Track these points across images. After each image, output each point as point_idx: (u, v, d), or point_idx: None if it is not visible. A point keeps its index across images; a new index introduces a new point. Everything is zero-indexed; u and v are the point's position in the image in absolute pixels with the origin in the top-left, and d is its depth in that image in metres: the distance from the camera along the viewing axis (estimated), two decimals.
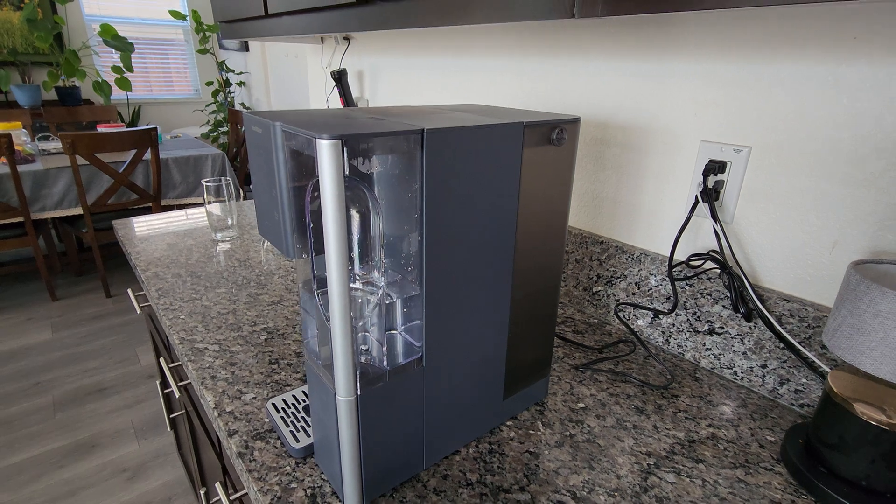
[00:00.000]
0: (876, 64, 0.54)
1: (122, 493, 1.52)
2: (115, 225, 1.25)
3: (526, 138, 0.47)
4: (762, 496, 0.50)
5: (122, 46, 3.46)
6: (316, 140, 0.34)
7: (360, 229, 0.41)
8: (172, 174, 2.61)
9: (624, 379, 0.69)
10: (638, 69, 0.77)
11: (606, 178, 0.85)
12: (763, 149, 0.65)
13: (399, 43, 1.30)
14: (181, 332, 0.77)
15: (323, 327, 0.45)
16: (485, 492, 0.50)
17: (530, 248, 0.53)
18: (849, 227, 0.59)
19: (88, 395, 1.93)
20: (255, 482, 0.50)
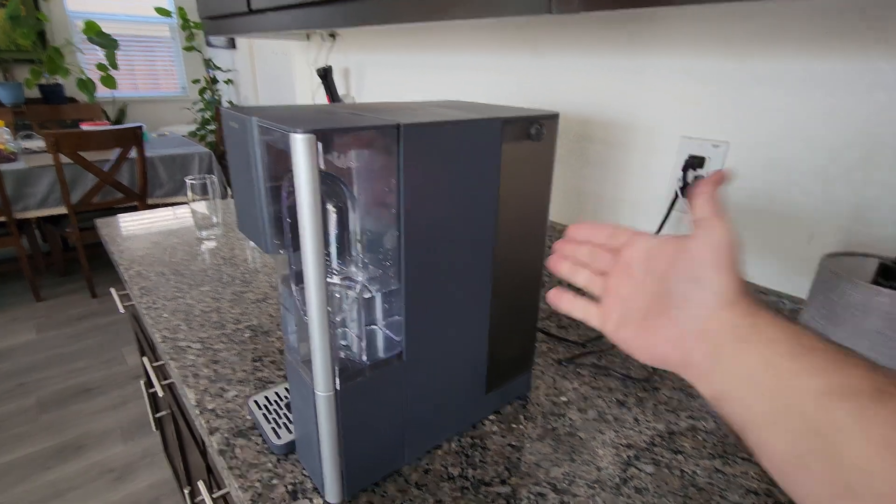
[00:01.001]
0: (849, 59, 0.55)
1: (108, 494, 1.50)
2: (97, 223, 1.23)
3: (504, 134, 0.47)
4: (739, 486, 0.51)
5: (106, 43, 3.42)
6: (290, 135, 0.34)
7: (338, 224, 0.41)
8: (159, 173, 2.58)
9: (606, 373, 0.70)
10: (619, 66, 0.78)
11: (590, 174, 0.86)
12: (741, 144, 0.66)
13: (384, 40, 1.30)
14: (164, 330, 0.76)
15: (301, 323, 0.45)
16: (466, 485, 0.50)
17: (511, 243, 0.54)
18: (824, 221, 0.60)
19: (74, 396, 1.91)
20: (235, 479, 0.50)
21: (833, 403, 0.24)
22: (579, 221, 0.43)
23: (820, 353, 0.26)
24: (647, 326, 0.34)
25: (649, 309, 0.34)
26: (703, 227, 0.32)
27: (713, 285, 0.30)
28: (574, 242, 0.42)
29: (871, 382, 0.24)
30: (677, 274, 0.33)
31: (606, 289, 0.38)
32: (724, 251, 0.31)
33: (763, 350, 0.28)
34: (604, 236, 0.40)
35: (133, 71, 4.12)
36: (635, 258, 0.37)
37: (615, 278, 0.38)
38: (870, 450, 0.22)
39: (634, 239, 0.38)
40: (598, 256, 0.40)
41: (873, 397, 0.23)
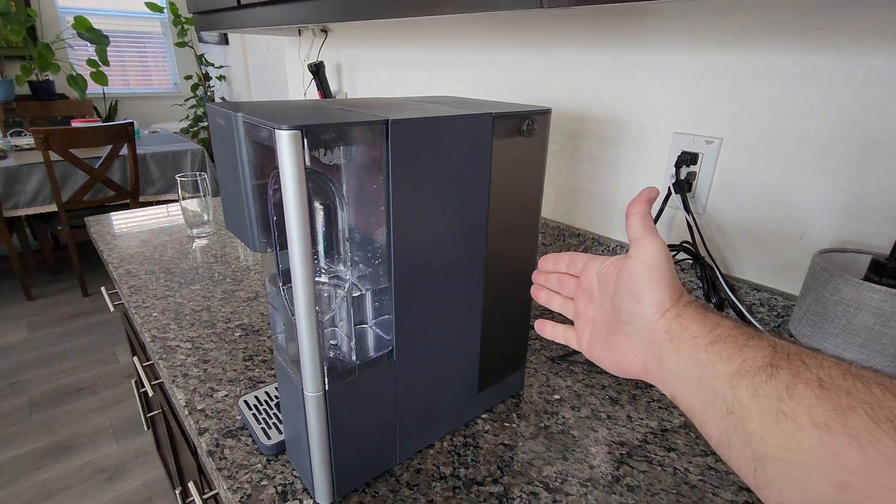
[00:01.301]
0: (842, 54, 0.55)
1: (100, 494, 1.49)
2: (87, 221, 1.22)
3: (495, 129, 0.47)
4: (731, 482, 0.51)
5: (97, 39, 3.38)
6: (275, 131, 0.34)
7: (325, 222, 0.41)
8: (151, 170, 2.56)
9: (599, 370, 0.69)
10: (612, 62, 0.77)
11: (583, 171, 0.86)
12: (734, 140, 0.66)
13: (376, 35, 1.29)
14: (153, 329, 0.75)
15: (289, 322, 0.45)
16: (458, 485, 0.50)
17: (503, 240, 0.53)
18: (817, 217, 0.60)
19: (66, 396, 1.90)
20: (224, 480, 0.49)
21: (738, 383, 0.27)
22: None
23: (730, 340, 0.28)
24: (609, 343, 0.38)
25: (609, 327, 0.38)
26: (638, 246, 0.35)
27: (649, 299, 0.33)
28: (544, 272, 0.46)
29: (766, 359, 0.26)
30: (621, 293, 0.36)
31: (576, 312, 0.42)
32: (657, 267, 0.34)
33: (688, 347, 0.30)
34: (564, 265, 0.44)
35: (124, 67, 4.08)
36: (591, 282, 0.41)
37: (580, 302, 0.42)
38: (764, 418, 0.25)
39: (588, 264, 0.42)
40: (564, 283, 0.44)
41: (766, 371, 0.26)
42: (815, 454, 0.22)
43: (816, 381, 0.24)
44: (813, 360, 0.25)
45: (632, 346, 0.35)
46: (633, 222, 0.36)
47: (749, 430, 0.25)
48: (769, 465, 0.24)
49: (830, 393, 0.23)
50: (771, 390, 0.25)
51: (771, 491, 0.25)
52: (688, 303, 0.33)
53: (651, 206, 0.36)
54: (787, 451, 0.23)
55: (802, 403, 0.23)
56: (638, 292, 0.34)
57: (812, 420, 0.23)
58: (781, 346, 0.27)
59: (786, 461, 0.23)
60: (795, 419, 0.23)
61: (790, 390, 0.24)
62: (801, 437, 0.23)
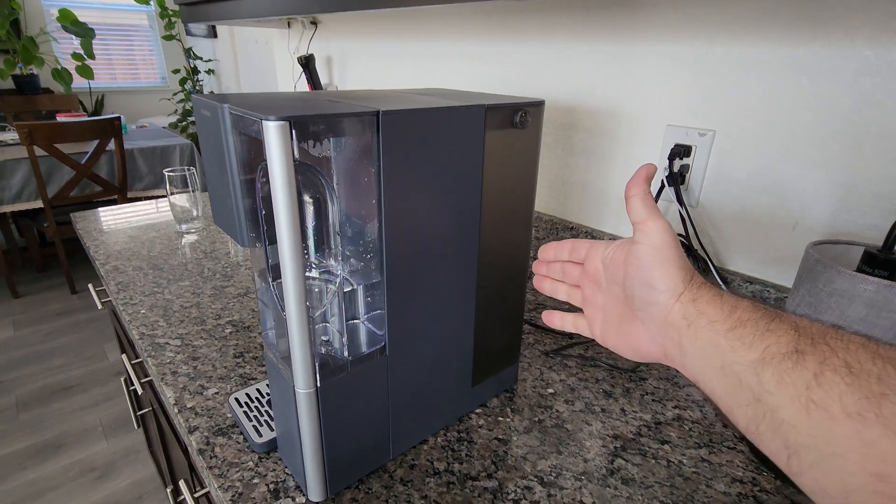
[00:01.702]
0: (833, 46, 0.55)
1: (90, 493, 1.48)
2: (73, 217, 1.20)
3: (488, 121, 0.46)
4: (724, 474, 0.51)
5: (82, 32, 3.32)
6: (262, 122, 0.33)
7: (315, 216, 0.40)
8: (138, 165, 2.52)
9: (593, 363, 0.69)
10: (605, 53, 0.77)
11: (575, 164, 0.85)
12: (727, 132, 0.66)
13: (367, 27, 1.27)
14: (141, 326, 0.74)
15: (279, 319, 0.44)
16: (452, 480, 0.50)
17: (496, 234, 0.53)
18: (809, 209, 0.60)
19: (53, 394, 1.87)
20: (215, 479, 0.48)
21: (763, 370, 0.26)
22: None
23: (751, 325, 0.27)
24: (624, 330, 0.37)
25: (622, 314, 0.37)
26: (642, 230, 0.34)
27: (662, 284, 0.32)
28: (546, 261, 0.45)
29: (790, 344, 0.25)
30: (631, 280, 0.35)
31: (584, 300, 0.41)
32: (665, 250, 0.33)
33: (707, 332, 0.29)
34: (566, 253, 0.43)
35: (111, 61, 4.01)
36: (597, 269, 0.40)
37: (588, 289, 0.41)
38: (793, 407, 0.24)
39: (591, 251, 0.41)
40: (568, 272, 0.43)
41: (792, 358, 0.25)
42: (849, 444, 0.22)
43: (845, 366, 0.23)
44: (839, 343, 0.24)
45: (648, 331, 0.34)
46: (633, 204, 0.34)
47: (779, 418, 0.25)
48: (803, 454, 0.23)
49: (861, 379, 0.22)
50: (798, 378, 0.24)
51: (807, 478, 0.24)
52: (701, 284, 0.32)
53: (650, 184, 0.35)
54: (820, 441, 0.23)
55: (832, 392, 0.22)
56: (649, 279, 0.33)
57: (844, 409, 0.22)
58: (804, 327, 0.26)
59: (820, 450, 0.23)
60: (826, 408, 0.22)
61: (818, 378, 0.23)
62: (833, 426, 0.22)
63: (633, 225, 0.34)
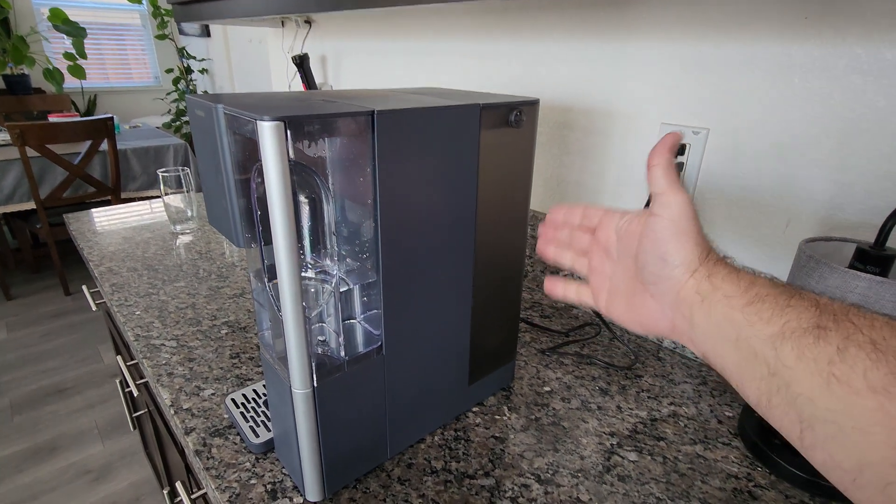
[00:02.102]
0: (825, 44, 0.55)
1: (86, 495, 1.47)
2: (66, 218, 1.19)
3: (483, 120, 0.46)
4: (720, 470, 0.52)
5: (73, 32, 3.29)
6: (257, 122, 0.33)
7: (311, 216, 0.40)
8: (132, 165, 2.51)
9: (589, 361, 0.70)
10: (599, 52, 0.77)
11: (571, 163, 0.86)
12: (721, 130, 0.66)
13: (361, 26, 1.27)
14: (136, 328, 0.74)
15: (276, 319, 0.44)
16: (449, 479, 0.50)
17: (492, 232, 0.53)
18: (801, 206, 0.61)
19: (48, 397, 1.86)
20: (212, 480, 0.48)
21: (781, 345, 0.26)
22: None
23: (770, 300, 0.27)
24: (633, 302, 0.36)
25: (631, 286, 0.36)
26: (661, 202, 0.32)
27: (678, 259, 0.31)
28: (554, 225, 0.44)
29: (812, 320, 0.25)
30: (645, 253, 0.34)
31: (591, 268, 0.40)
32: (683, 224, 0.32)
33: (722, 307, 0.29)
34: (578, 217, 0.42)
35: (103, 60, 3.98)
36: (609, 239, 0.38)
37: (596, 258, 0.40)
38: (812, 381, 0.24)
39: (605, 219, 0.39)
40: (577, 237, 0.42)
41: (813, 333, 0.25)
42: (873, 418, 0.22)
43: (870, 342, 0.23)
44: (863, 321, 0.24)
45: (658, 306, 0.34)
46: (655, 174, 0.33)
47: (795, 392, 0.25)
48: (819, 428, 0.24)
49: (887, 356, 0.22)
50: (820, 353, 0.24)
51: (819, 452, 0.24)
52: (717, 260, 0.31)
53: (674, 154, 0.33)
54: (839, 415, 0.23)
55: (856, 367, 0.22)
56: (665, 252, 0.32)
57: (868, 384, 0.22)
58: (825, 304, 0.26)
59: (838, 424, 0.23)
60: (849, 383, 0.22)
61: (842, 353, 0.23)
62: (856, 401, 0.22)
63: (653, 196, 0.33)
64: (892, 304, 0.43)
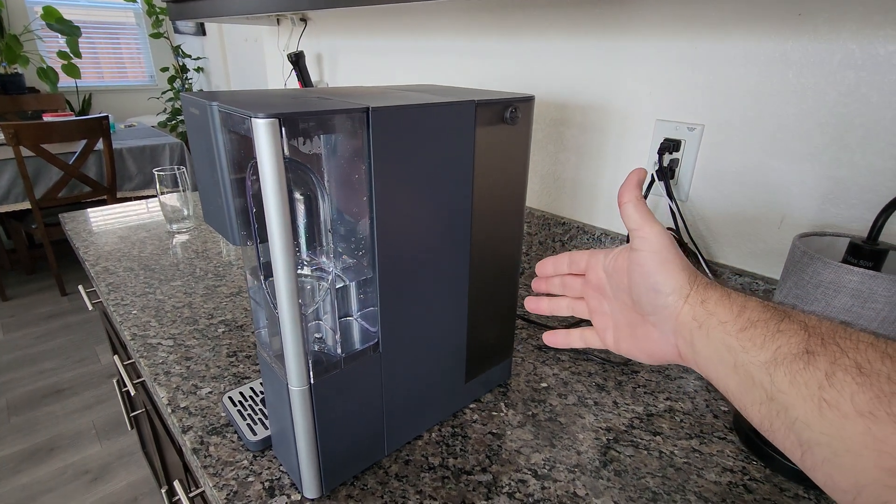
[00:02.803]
0: (819, 40, 0.56)
1: (84, 496, 1.47)
2: (62, 218, 1.18)
3: (478, 117, 0.46)
4: (715, 464, 0.52)
5: (67, 30, 3.28)
6: (252, 119, 0.33)
7: (306, 213, 0.40)
8: (128, 165, 2.50)
9: (586, 357, 0.70)
10: (594, 49, 0.77)
11: (567, 160, 0.86)
12: (715, 126, 0.66)
13: (357, 24, 1.27)
14: (133, 327, 0.74)
15: (272, 317, 0.44)
16: (447, 475, 0.50)
17: (487, 229, 0.53)
18: (796, 202, 0.61)
19: (45, 397, 1.86)
20: (210, 478, 0.48)
21: (775, 371, 0.26)
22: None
23: (761, 326, 0.28)
24: (637, 335, 0.37)
25: (632, 319, 0.37)
26: (639, 236, 0.34)
27: (668, 287, 0.33)
28: (545, 279, 0.45)
29: (801, 345, 0.26)
30: (637, 287, 0.35)
31: (591, 310, 0.41)
32: (665, 254, 0.33)
33: (718, 333, 0.30)
34: (565, 265, 0.43)
35: (97, 59, 3.96)
36: (600, 278, 0.40)
37: (593, 300, 0.41)
38: (806, 406, 0.25)
39: (591, 261, 0.41)
40: (569, 285, 0.43)
41: (803, 359, 0.25)
42: (861, 441, 0.22)
43: (855, 367, 0.23)
44: (848, 343, 0.25)
45: (661, 335, 0.35)
46: (628, 211, 0.35)
47: (792, 416, 0.25)
48: (816, 451, 0.24)
49: (871, 379, 0.23)
50: (810, 378, 0.25)
51: (819, 473, 0.25)
52: (707, 284, 0.32)
53: (642, 189, 0.35)
54: (832, 438, 0.23)
55: (844, 391, 0.23)
56: (655, 283, 0.33)
57: (856, 408, 0.23)
58: (813, 327, 0.26)
59: (832, 447, 0.23)
60: (839, 407, 0.23)
61: (830, 378, 0.24)
62: (845, 424, 0.23)
63: (630, 231, 0.35)
64: (884, 298, 0.43)
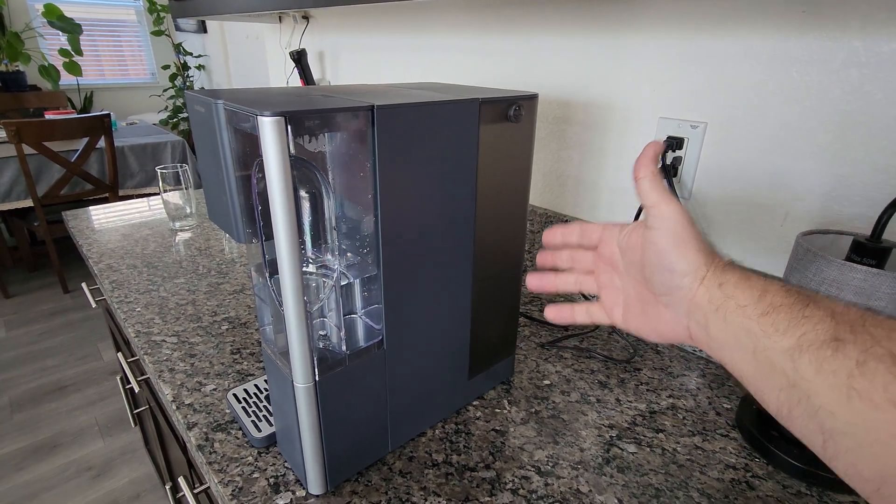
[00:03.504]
0: (823, 37, 0.56)
1: (87, 493, 1.47)
2: (65, 216, 1.19)
3: (482, 115, 0.46)
4: (718, 461, 0.52)
5: (69, 28, 3.28)
6: (258, 117, 0.33)
7: (311, 211, 0.40)
8: (129, 163, 2.50)
9: (588, 355, 0.70)
10: (597, 46, 0.77)
11: (569, 157, 0.86)
12: (719, 124, 0.66)
13: (359, 21, 1.26)
14: (136, 325, 0.74)
15: (277, 314, 0.44)
16: (450, 471, 0.50)
17: (491, 227, 0.53)
18: (799, 200, 0.61)
19: (48, 395, 1.86)
20: (215, 474, 0.49)
21: (799, 357, 0.25)
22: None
23: (784, 311, 0.27)
24: (648, 313, 0.36)
25: (644, 296, 0.36)
26: (655, 214, 0.33)
27: (682, 268, 0.31)
28: (552, 250, 0.43)
29: (829, 332, 0.25)
30: (650, 265, 0.34)
31: (600, 285, 0.40)
32: (681, 233, 0.32)
33: (737, 317, 0.29)
34: (575, 237, 0.41)
35: (99, 57, 3.96)
36: (613, 253, 0.38)
37: (604, 274, 0.39)
38: (832, 395, 0.24)
39: (605, 234, 0.39)
40: (578, 258, 0.42)
41: (831, 346, 0.24)
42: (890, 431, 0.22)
43: (889, 355, 0.23)
44: (881, 332, 0.24)
45: (673, 314, 0.33)
46: (643, 187, 0.33)
47: (815, 404, 0.24)
48: (840, 440, 0.24)
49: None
50: (839, 366, 0.24)
51: (841, 463, 0.24)
52: (726, 267, 0.31)
53: (657, 164, 0.34)
54: (860, 428, 0.23)
55: (876, 381, 0.22)
56: (669, 263, 0.32)
57: (889, 398, 0.22)
58: (841, 313, 0.25)
59: (858, 437, 0.23)
60: (870, 397, 0.22)
61: (861, 367, 0.23)
62: (876, 414, 0.22)
63: (646, 209, 0.33)
64: (888, 296, 0.43)
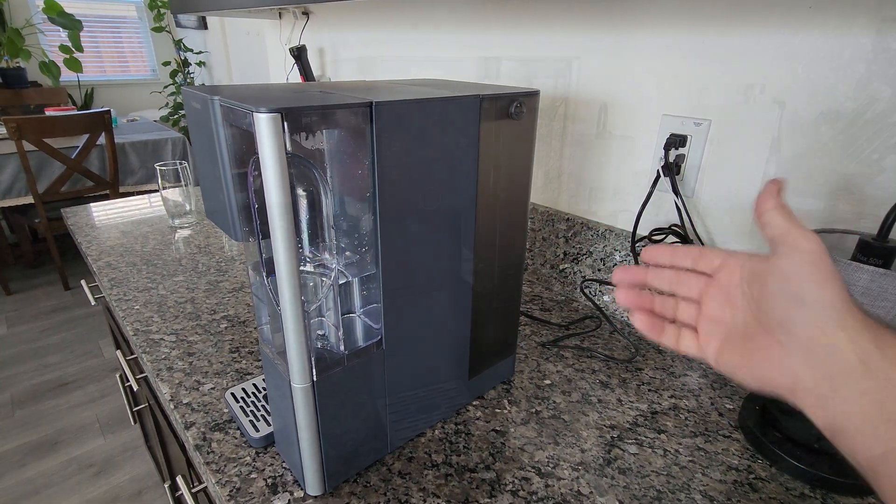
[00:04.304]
0: (829, 33, 0.55)
1: (88, 489, 1.48)
2: (64, 213, 1.18)
3: (483, 112, 0.46)
4: (720, 462, 0.52)
5: (69, 24, 3.27)
6: (254, 114, 0.32)
7: (309, 209, 0.39)
8: (130, 159, 2.49)
9: (590, 354, 0.69)
10: (600, 43, 0.76)
11: (571, 155, 0.85)
12: (722, 121, 0.65)
13: (360, 17, 1.26)
14: (135, 322, 0.73)
15: (274, 313, 0.44)
16: (450, 472, 0.50)
17: (492, 225, 0.52)
18: (804, 198, 0.60)
19: (49, 391, 1.86)
20: (212, 474, 0.48)
21: None
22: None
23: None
24: (750, 351, 0.33)
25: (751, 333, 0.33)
26: (786, 243, 0.29)
27: (818, 301, 0.28)
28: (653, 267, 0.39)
29: None
30: (774, 295, 0.30)
31: (703, 316, 0.36)
32: (818, 264, 0.28)
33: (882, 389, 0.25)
34: (690, 260, 0.37)
35: (99, 53, 3.95)
36: (733, 282, 0.35)
37: (713, 303, 0.36)
38: None
39: (728, 262, 0.35)
40: (684, 282, 0.38)
41: None
42: None
43: None
44: None
45: (783, 356, 0.30)
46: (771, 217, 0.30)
47: None
48: None
49: None
50: None
51: None
52: (878, 325, 0.27)
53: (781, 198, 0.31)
54: None
55: None
56: (801, 294, 0.28)
57: None
58: None
59: None
60: None
61: None
62: None
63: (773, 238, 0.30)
64: (894, 296, 0.42)
